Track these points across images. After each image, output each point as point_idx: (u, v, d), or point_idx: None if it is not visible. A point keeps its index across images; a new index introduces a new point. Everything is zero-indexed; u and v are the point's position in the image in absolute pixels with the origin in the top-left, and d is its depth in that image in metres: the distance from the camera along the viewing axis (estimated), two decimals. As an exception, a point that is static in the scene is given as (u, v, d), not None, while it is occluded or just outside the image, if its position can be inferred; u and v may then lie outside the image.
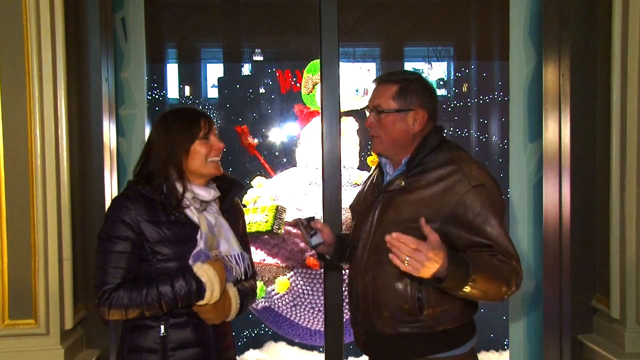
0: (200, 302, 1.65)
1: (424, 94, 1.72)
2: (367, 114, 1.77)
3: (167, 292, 1.61)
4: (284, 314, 3.89)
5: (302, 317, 3.83)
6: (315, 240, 1.84)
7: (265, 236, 3.89)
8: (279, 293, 3.81)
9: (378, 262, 1.68)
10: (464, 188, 1.59)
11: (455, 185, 1.60)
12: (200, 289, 1.63)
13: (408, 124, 1.70)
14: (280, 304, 3.86)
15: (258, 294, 3.84)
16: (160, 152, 1.69)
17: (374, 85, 1.78)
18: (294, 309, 3.82)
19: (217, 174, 1.75)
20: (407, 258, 1.36)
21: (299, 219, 1.86)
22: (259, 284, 3.86)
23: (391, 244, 1.37)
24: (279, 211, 3.86)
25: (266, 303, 3.91)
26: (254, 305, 3.99)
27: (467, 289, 1.46)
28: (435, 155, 1.69)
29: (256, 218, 3.92)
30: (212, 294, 1.64)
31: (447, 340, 1.67)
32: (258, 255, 3.89)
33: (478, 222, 1.57)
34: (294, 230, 1.86)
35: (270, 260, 3.85)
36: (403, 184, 1.68)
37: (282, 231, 3.82)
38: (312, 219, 1.85)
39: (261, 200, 4.04)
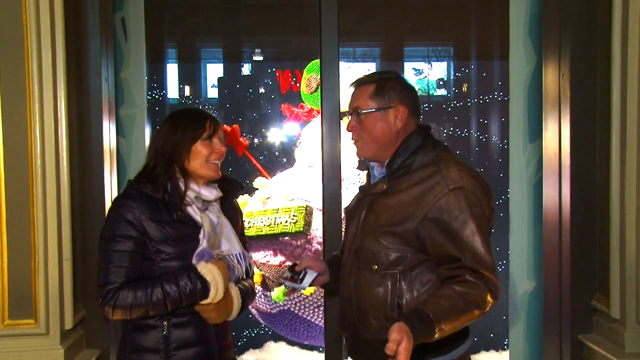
0: (205, 301, 1.66)
1: (401, 90, 1.69)
2: (348, 119, 1.74)
3: (172, 291, 1.61)
4: (304, 316, 3.82)
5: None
6: (308, 279, 1.78)
7: (287, 237, 3.80)
8: (304, 295, 3.72)
9: (357, 267, 1.67)
10: (440, 191, 1.56)
11: (434, 188, 1.57)
12: (205, 288, 1.64)
13: (390, 122, 1.67)
14: (302, 306, 3.78)
15: (280, 298, 3.79)
16: (165, 150, 1.70)
17: (351, 90, 1.75)
18: (317, 310, 3.75)
19: (215, 177, 1.75)
20: None
21: (282, 278, 1.81)
22: (281, 287, 3.80)
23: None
24: (308, 212, 3.79)
25: (286, 306, 3.84)
26: (268, 309, 3.94)
27: (437, 335, 1.47)
28: (419, 156, 1.65)
29: (280, 219, 3.82)
30: (216, 292, 1.65)
31: (430, 346, 1.59)
32: (278, 258, 3.82)
33: (455, 226, 1.54)
34: (288, 284, 1.79)
35: (290, 263, 3.76)
36: (385, 187, 1.65)
37: (311, 232, 3.76)
38: (294, 265, 1.82)
39: (273, 202, 3.96)
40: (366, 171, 1.86)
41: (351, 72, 4.38)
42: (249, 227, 3.88)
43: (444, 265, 1.57)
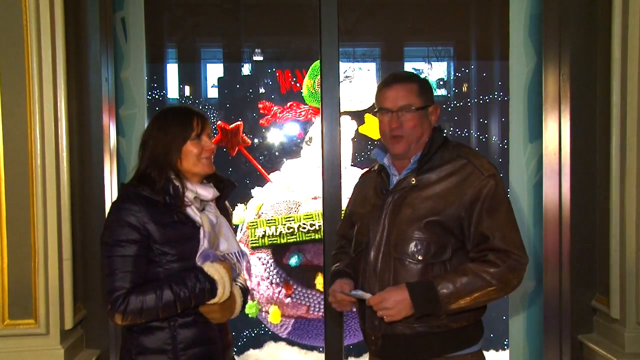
0: (212, 300, 1.66)
1: (431, 89, 1.82)
2: (387, 115, 1.76)
3: (182, 292, 1.60)
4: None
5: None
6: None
7: None
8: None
9: (399, 260, 1.70)
10: (478, 178, 1.68)
11: (469, 178, 1.68)
12: (213, 287, 1.64)
13: (430, 119, 1.79)
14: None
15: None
16: (157, 153, 1.69)
17: (391, 87, 1.77)
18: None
19: (209, 171, 1.74)
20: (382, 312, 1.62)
21: (352, 292, 1.76)
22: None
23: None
24: None
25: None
26: (314, 314, 3.82)
27: (450, 307, 1.62)
28: (441, 153, 1.75)
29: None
30: (223, 291, 1.65)
31: (463, 338, 1.72)
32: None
33: (493, 206, 1.66)
34: (359, 294, 1.77)
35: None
36: (414, 181, 1.73)
37: None
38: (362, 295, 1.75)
39: (316, 203, 3.71)
40: (370, 173, 1.92)
41: (368, 74, 4.35)
42: (305, 231, 3.69)
43: (474, 247, 1.68)
